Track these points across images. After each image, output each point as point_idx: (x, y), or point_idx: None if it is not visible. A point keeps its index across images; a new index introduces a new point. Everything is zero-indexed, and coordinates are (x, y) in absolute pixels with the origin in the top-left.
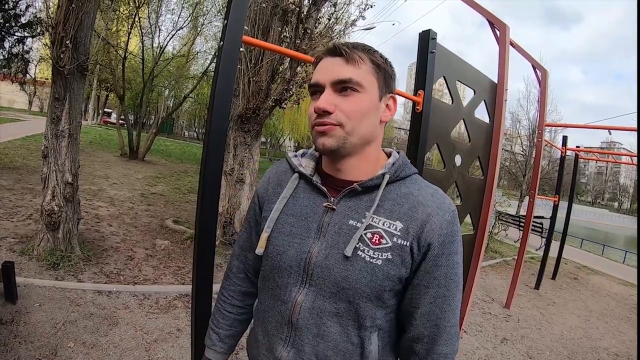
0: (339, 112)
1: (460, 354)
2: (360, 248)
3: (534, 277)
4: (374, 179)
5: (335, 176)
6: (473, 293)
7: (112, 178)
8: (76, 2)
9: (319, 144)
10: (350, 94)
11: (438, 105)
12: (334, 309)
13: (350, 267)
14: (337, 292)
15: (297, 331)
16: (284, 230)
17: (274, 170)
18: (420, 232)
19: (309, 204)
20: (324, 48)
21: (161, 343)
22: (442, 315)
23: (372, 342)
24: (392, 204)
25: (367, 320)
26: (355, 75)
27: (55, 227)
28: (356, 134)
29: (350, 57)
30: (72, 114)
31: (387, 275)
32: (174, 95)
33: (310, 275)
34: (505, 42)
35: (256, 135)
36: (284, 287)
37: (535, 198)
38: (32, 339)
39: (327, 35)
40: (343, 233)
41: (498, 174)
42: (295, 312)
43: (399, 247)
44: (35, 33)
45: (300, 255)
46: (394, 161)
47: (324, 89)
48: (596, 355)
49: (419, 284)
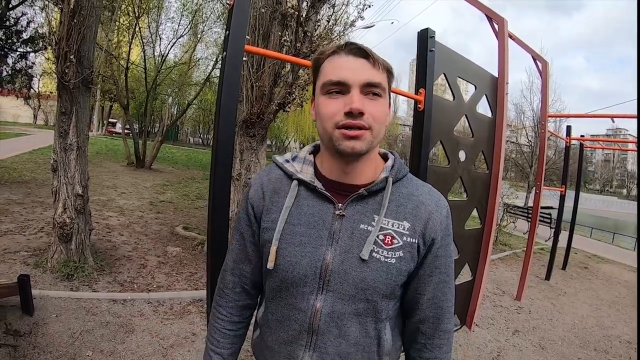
0: (368, 115)
1: (472, 347)
2: (375, 250)
3: (544, 269)
4: (378, 183)
5: (340, 180)
6: (483, 286)
7: (120, 188)
8: (78, 18)
9: (348, 147)
10: (375, 98)
11: (440, 102)
12: (353, 310)
13: (367, 269)
14: (356, 294)
15: (319, 336)
16: (293, 241)
17: (265, 177)
18: (424, 229)
19: (316, 211)
20: (335, 45)
21: (177, 348)
22: (443, 297)
23: (386, 332)
24: (397, 205)
25: (382, 314)
26: (382, 80)
27: (68, 239)
28: (378, 138)
29: (376, 61)
30: (79, 127)
31: (400, 271)
32: (178, 102)
33: (327, 282)
34: (504, 36)
35: (261, 139)
36: (299, 296)
37: (542, 189)
38: (50, 349)
39: (327, 37)
40: (356, 237)
41: (503, 167)
42: (316, 318)
43: (408, 244)
44: (37, 48)
45: (315, 264)
46: (393, 163)
47: (349, 89)
48: (609, 343)
49: (424, 274)
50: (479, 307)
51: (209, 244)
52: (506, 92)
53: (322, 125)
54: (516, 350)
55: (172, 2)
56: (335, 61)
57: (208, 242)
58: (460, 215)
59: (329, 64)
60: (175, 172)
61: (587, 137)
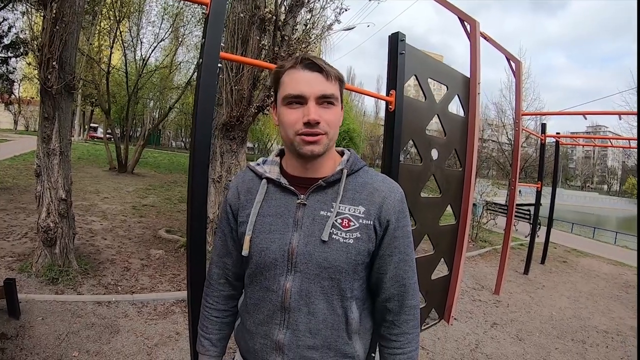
0: (324, 123)
1: (450, 340)
2: (334, 232)
3: (524, 264)
4: (335, 175)
5: (302, 175)
6: (459, 281)
7: (103, 192)
8: (60, 24)
9: (307, 150)
10: (329, 107)
11: (411, 103)
12: (319, 288)
13: (328, 250)
14: (320, 272)
15: (291, 313)
16: (263, 229)
17: (240, 180)
18: (379, 212)
19: (282, 203)
20: (293, 59)
21: (162, 347)
22: (405, 275)
23: (353, 311)
24: (353, 193)
25: (347, 292)
26: (334, 91)
27: (52, 243)
28: (333, 139)
29: (329, 74)
30: (62, 132)
31: (359, 250)
32: (159, 106)
33: (295, 263)
34: (476, 37)
35: (241, 142)
36: (272, 279)
37: (517, 185)
38: (37, 351)
39: (305, 40)
40: (317, 222)
41: (476, 165)
42: (287, 297)
43: (364, 226)
44: (18, 53)
45: (282, 248)
46: (348, 158)
47: (306, 101)
48: (585, 333)
49: (384, 254)
50: (457, 301)
51: (189, 246)
52: (478, 92)
53: (284, 132)
54: (494, 342)
55: (153, 6)
56: (293, 75)
57: (187, 244)
58: (434, 211)
59: (288, 77)
60: (157, 176)
61: (563, 134)
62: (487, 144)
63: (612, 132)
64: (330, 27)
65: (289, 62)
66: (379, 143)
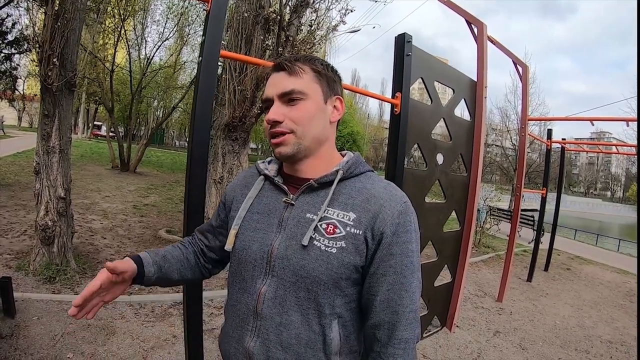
0: (288, 120)
1: (452, 348)
2: (316, 238)
3: (527, 270)
4: (328, 175)
5: (295, 175)
6: (463, 288)
7: (104, 191)
8: (61, 21)
9: (277, 152)
10: (296, 103)
11: (417, 106)
12: (294, 298)
13: (307, 256)
14: (296, 281)
15: (262, 321)
16: (249, 226)
17: (242, 174)
18: (373, 222)
19: (272, 201)
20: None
21: (158, 350)
22: (400, 301)
23: (332, 330)
24: (346, 197)
25: (326, 308)
26: (297, 86)
27: (50, 242)
28: (307, 137)
29: (292, 69)
30: (62, 130)
31: (342, 262)
32: (163, 105)
33: (273, 267)
34: (483, 40)
35: (244, 143)
36: (250, 280)
37: (523, 192)
38: (32, 351)
39: (309, 41)
40: (301, 225)
41: (481, 170)
42: (260, 302)
43: (352, 235)
44: (22, 50)
45: (263, 249)
46: (348, 159)
47: (272, 102)
48: (589, 343)
49: (376, 272)
50: (459, 309)
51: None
52: (485, 96)
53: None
54: (497, 351)
55: (158, 4)
56: (268, 80)
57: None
58: (438, 217)
59: (267, 83)
60: (160, 176)
61: (569, 140)
62: (491, 149)
63: (616, 138)
64: (335, 28)
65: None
66: (383, 146)
